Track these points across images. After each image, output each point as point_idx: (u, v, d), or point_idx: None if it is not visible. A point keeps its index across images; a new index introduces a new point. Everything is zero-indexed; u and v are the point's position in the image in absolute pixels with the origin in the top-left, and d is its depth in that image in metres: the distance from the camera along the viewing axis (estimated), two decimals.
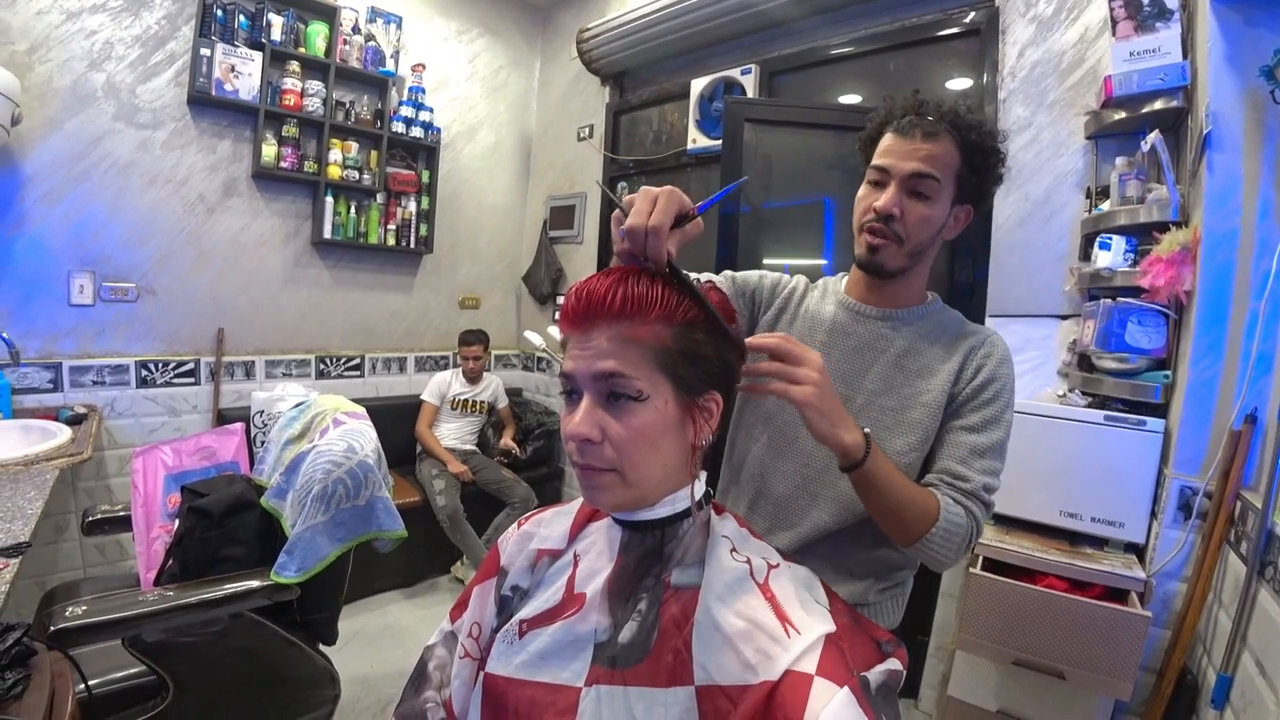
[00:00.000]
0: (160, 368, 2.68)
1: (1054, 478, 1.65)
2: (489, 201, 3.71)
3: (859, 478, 0.81)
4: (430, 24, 3.36)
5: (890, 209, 0.90)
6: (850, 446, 0.77)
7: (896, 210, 0.90)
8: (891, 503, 0.83)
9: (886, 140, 0.94)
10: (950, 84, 2.27)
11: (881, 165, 0.92)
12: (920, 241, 0.92)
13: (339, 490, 1.45)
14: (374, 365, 3.34)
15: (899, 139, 0.92)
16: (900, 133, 0.92)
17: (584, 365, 0.64)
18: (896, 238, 0.91)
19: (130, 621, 1.27)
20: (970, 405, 0.92)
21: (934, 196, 0.90)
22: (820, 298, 1.05)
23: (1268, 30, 1.39)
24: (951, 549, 0.86)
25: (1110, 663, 1.38)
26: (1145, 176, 1.67)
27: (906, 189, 0.90)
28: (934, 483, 0.89)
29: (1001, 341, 0.97)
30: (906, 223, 0.90)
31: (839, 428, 0.76)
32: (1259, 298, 1.37)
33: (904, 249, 0.92)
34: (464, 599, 0.83)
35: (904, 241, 0.91)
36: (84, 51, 2.40)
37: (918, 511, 0.84)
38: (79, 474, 2.46)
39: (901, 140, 0.91)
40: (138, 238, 2.59)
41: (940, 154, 0.89)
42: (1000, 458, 0.92)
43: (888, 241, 0.92)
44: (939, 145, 0.90)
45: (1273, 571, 1.16)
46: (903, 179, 0.90)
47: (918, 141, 0.90)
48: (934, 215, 0.91)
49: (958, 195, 0.92)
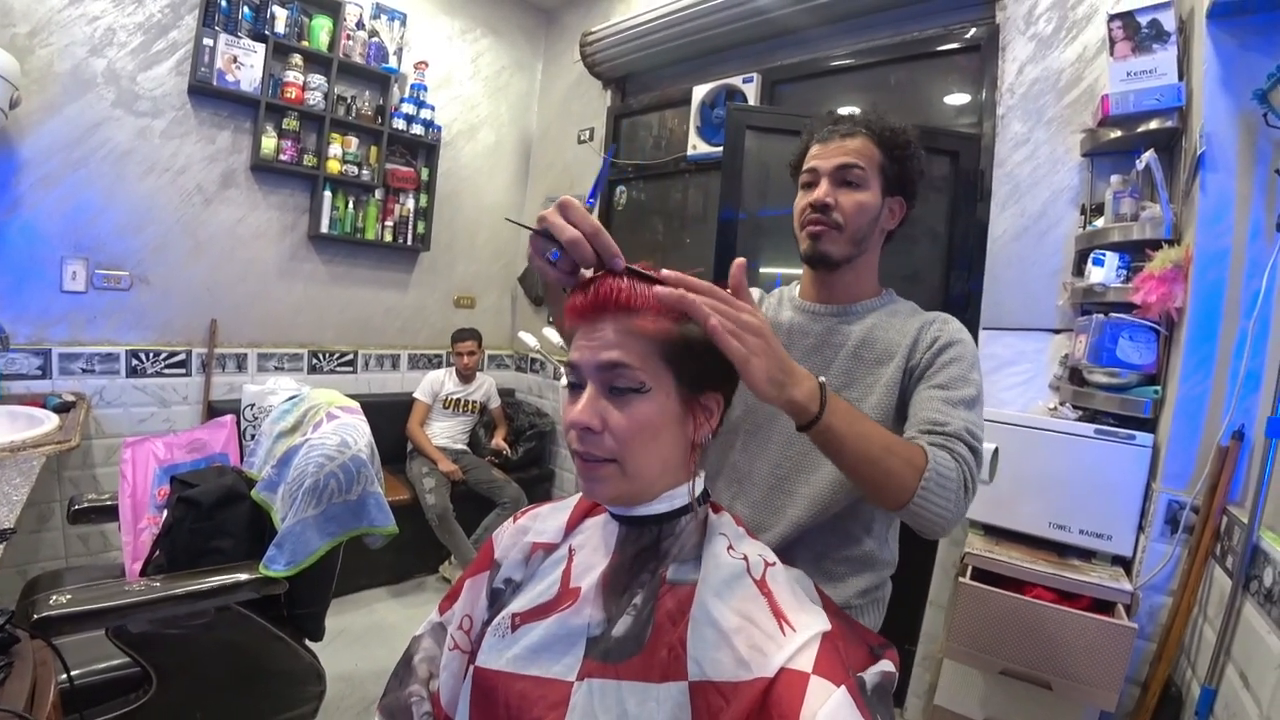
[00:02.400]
0: (151, 357, 2.66)
1: (1043, 489, 1.67)
2: (487, 201, 3.71)
3: (822, 435, 0.70)
4: (434, 22, 3.36)
5: (824, 199, 0.97)
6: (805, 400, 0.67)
7: (831, 200, 0.97)
8: (870, 452, 0.74)
9: (811, 151, 1.02)
10: (949, 98, 2.30)
11: (810, 167, 1.00)
12: (859, 226, 0.98)
13: (331, 484, 1.44)
14: (367, 362, 3.33)
15: (822, 146, 1.00)
16: (822, 141, 1.01)
17: (589, 355, 0.64)
18: (836, 225, 0.97)
19: (116, 611, 1.25)
20: (933, 369, 0.93)
21: (863, 184, 0.97)
22: (777, 305, 1.10)
23: (1262, 54, 1.42)
24: (949, 499, 0.78)
25: (1096, 674, 1.39)
26: (1139, 195, 1.69)
27: (836, 181, 0.98)
28: (912, 435, 0.86)
29: (955, 321, 0.99)
30: (843, 210, 0.97)
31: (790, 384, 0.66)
32: (1248, 316, 1.39)
33: (845, 235, 0.98)
34: (455, 591, 0.83)
35: (843, 228, 0.97)
36: (85, 37, 2.39)
37: (902, 460, 0.76)
38: (65, 462, 2.44)
39: (824, 146, 1.00)
40: (133, 226, 2.57)
41: (860, 148, 0.97)
42: (977, 413, 0.89)
43: (827, 229, 0.97)
44: (857, 141, 0.98)
45: (1257, 585, 1.18)
46: (831, 172, 0.98)
47: (838, 142, 0.99)
48: (867, 200, 0.97)
49: (885, 187, 0.99)
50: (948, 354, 0.93)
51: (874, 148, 0.98)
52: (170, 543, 1.46)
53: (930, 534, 0.82)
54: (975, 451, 0.84)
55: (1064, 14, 1.92)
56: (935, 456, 0.78)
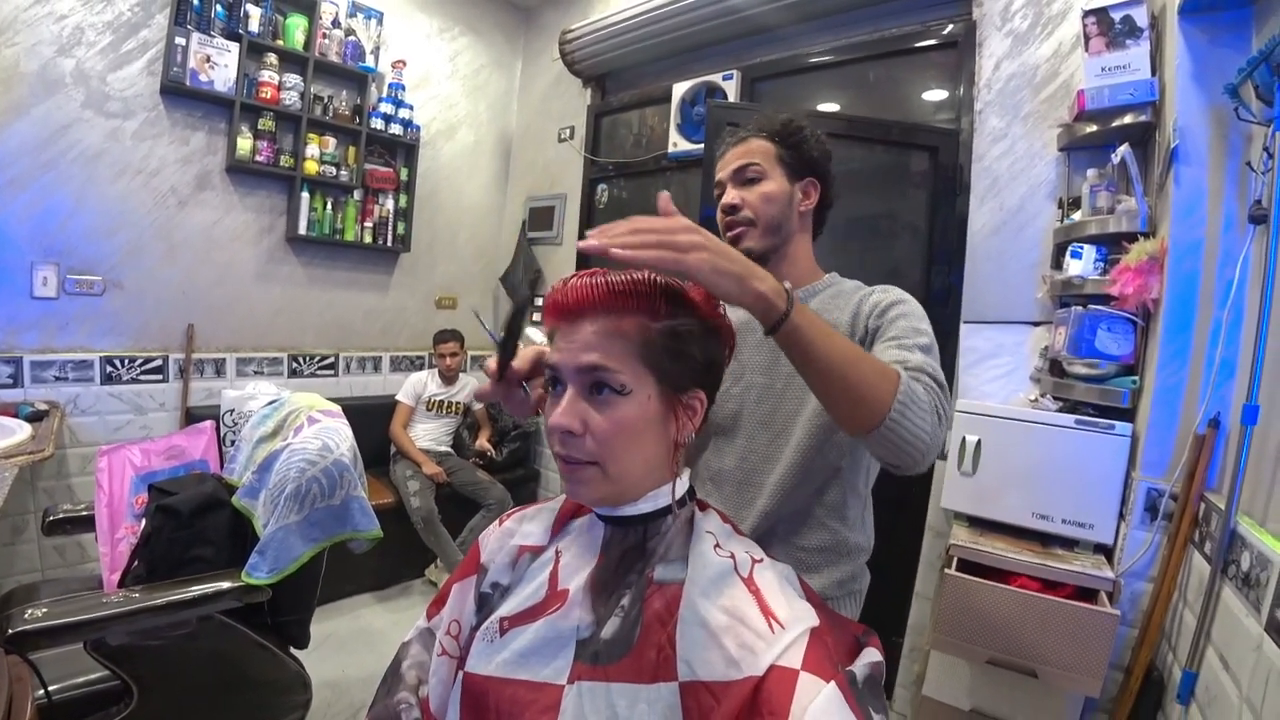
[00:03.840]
0: (126, 364, 2.60)
1: (1026, 480, 1.69)
2: (468, 201, 3.68)
3: (790, 336, 0.67)
4: (412, 20, 3.33)
5: (731, 202, 1.03)
6: (770, 293, 0.65)
7: (737, 200, 1.02)
8: (843, 355, 0.70)
9: (716, 166, 1.09)
10: (928, 94, 2.32)
11: (717, 180, 1.07)
12: (770, 216, 1.02)
13: (313, 489, 1.42)
14: (348, 364, 3.29)
15: (720, 160, 1.08)
16: (721, 156, 1.08)
17: (568, 357, 0.64)
18: (748, 221, 1.02)
19: (94, 624, 1.22)
20: (881, 329, 0.92)
21: (763, 177, 1.02)
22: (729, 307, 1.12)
23: (1232, 50, 1.44)
24: (925, 420, 0.74)
25: (1081, 661, 1.41)
26: (1115, 188, 1.71)
27: (738, 182, 1.04)
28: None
29: (896, 289, 1.00)
30: (750, 205, 1.02)
31: (750, 278, 0.64)
32: (1223, 306, 1.42)
33: (759, 227, 1.02)
34: (442, 595, 0.82)
35: (756, 221, 1.02)
36: (53, 36, 2.34)
37: (875, 370, 0.73)
38: (39, 473, 2.38)
39: (723, 159, 1.07)
40: (105, 229, 2.52)
41: (752, 149, 1.04)
42: (934, 359, 0.87)
43: (742, 228, 1.02)
44: (748, 144, 1.04)
45: (1235, 570, 1.20)
46: (730, 176, 1.04)
47: (732, 150, 1.06)
48: (772, 190, 1.02)
49: (790, 173, 1.04)
50: (893, 312, 0.94)
51: (767, 143, 1.03)
52: (149, 552, 1.43)
53: (908, 463, 0.77)
54: (942, 388, 0.81)
55: (1039, 10, 1.95)
56: (905, 378, 0.74)
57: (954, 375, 1.99)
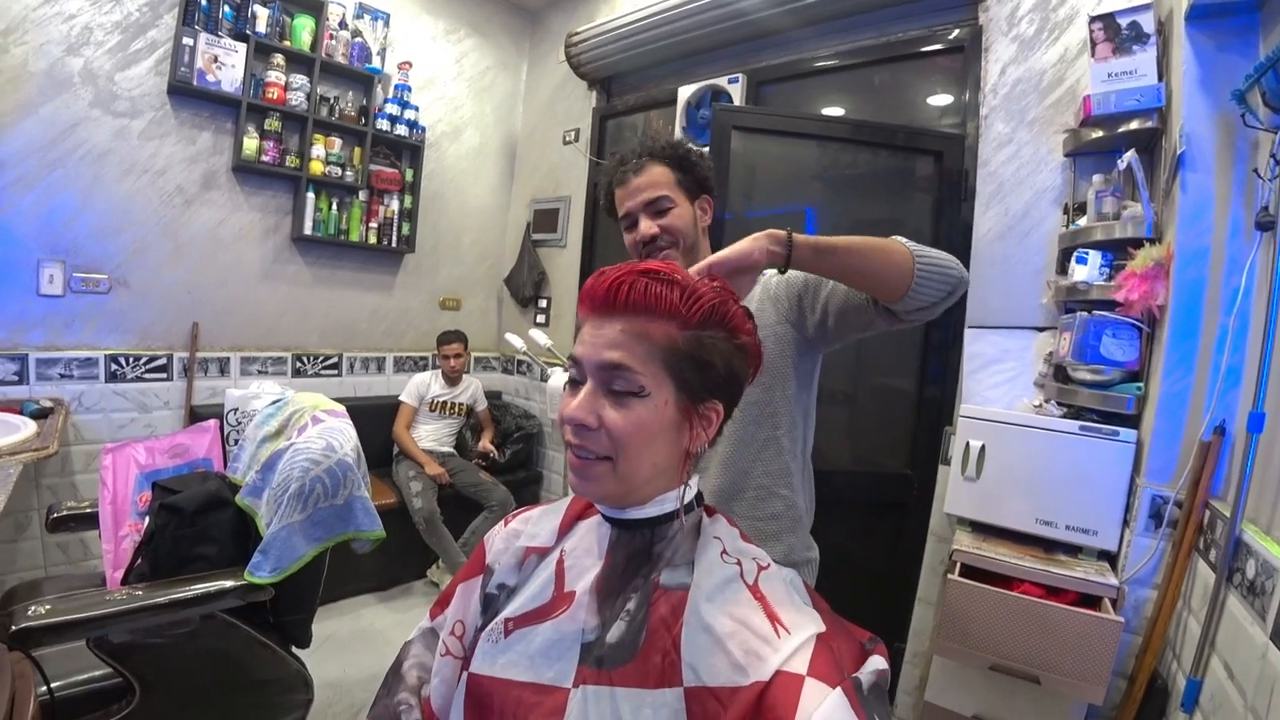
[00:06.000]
0: (131, 362, 2.61)
1: (1029, 486, 1.68)
2: (472, 203, 3.69)
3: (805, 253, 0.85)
4: (418, 22, 3.34)
5: (650, 231, 1.09)
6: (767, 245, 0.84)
7: (655, 229, 1.09)
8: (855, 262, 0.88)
9: (617, 195, 1.14)
10: (933, 99, 2.32)
11: (624, 212, 1.13)
12: (686, 237, 1.10)
13: (317, 489, 1.42)
14: (352, 365, 3.30)
15: (622, 189, 1.13)
16: (620, 184, 1.13)
17: (592, 352, 0.64)
18: (671, 244, 1.10)
19: (97, 621, 1.23)
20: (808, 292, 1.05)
21: (672, 207, 1.10)
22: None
23: (1239, 55, 1.44)
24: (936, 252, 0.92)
25: (1084, 668, 1.41)
26: (1121, 194, 1.71)
27: (651, 213, 1.10)
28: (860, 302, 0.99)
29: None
30: (670, 230, 1.09)
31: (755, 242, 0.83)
32: (1229, 313, 1.41)
33: (679, 249, 1.10)
34: (446, 596, 0.82)
35: (678, 243, 1.10)
36: (61, 35, 2.35)
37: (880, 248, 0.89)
38: (43, 470, 2.39)
39: (624, 189, 1.12)
40: (112, 228, 2.53)
41: (654, 177, 1.10)
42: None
43: (664, 251, 1.09)
44: (649, 173, 1.10)
45: (1240, 578, 1.19)
46: (641, 208, 1.10)
47: (633, 180, 1.11)
48: (681, 213, 1.10)
49: (689, 195, 1.12)
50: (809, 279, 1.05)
51: (663, 168, 1.11)
52: (153, 550, 1.44)
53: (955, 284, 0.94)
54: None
55: (1046, 16, 1.95)
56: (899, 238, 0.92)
57: (958, 380, 1.99)
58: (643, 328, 0.63)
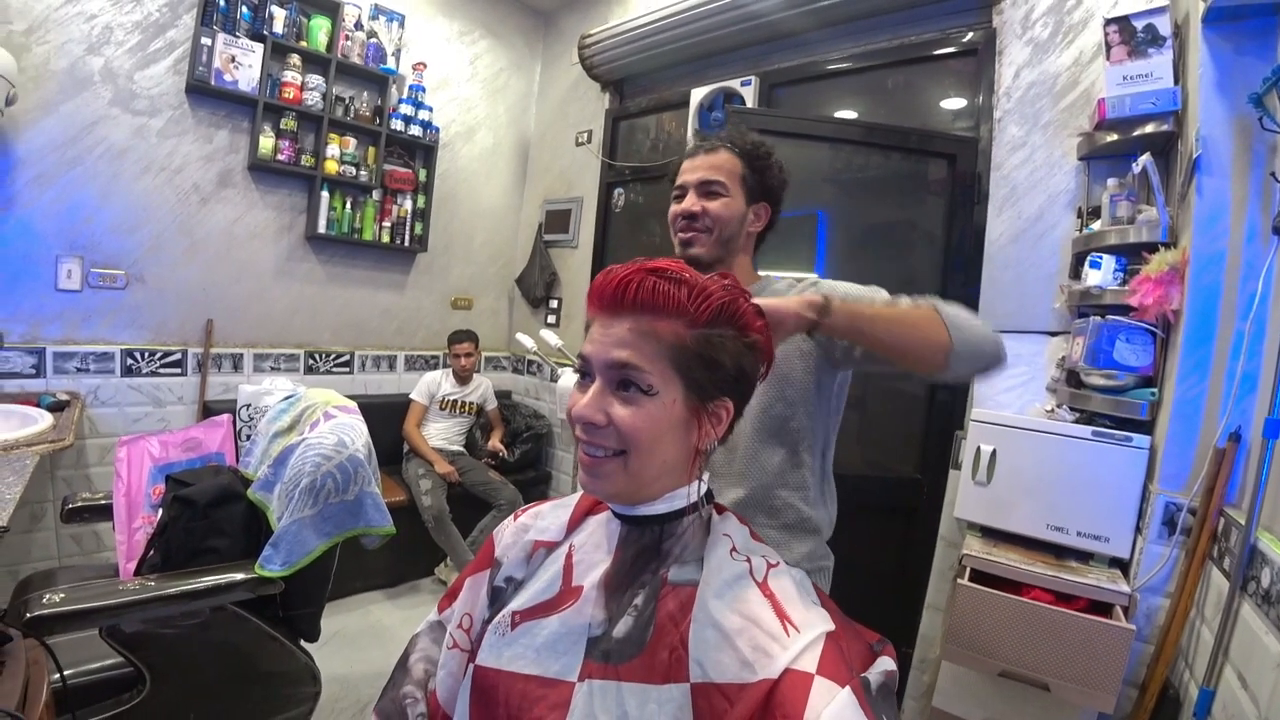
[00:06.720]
0: (146, 357, 2.64)
1: (1041, 492, 1.67)
2: (485, 203, 3.71)
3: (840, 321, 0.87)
4: (433, 23, 3.37)
5: (692, 209, 1.09)
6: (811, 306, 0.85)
7: (698, 209, 1.09)
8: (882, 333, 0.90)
9: (681, 168, 1.14)
10: (946, 102, 2.31)
11: (679, 183, 1.13)
12: (726, 228, 1.09)
13: (328, 484, 1.43)
14: (363, 363, 3.32)
15: (688, 161, 1.14)
16: (688, 157, 1.14)
17: (601, 351, 0.64)
18: (705, 229, 1.09)
19: (110, 610, 1.24)
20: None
21: (725, 194, 1.09)
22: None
23: (1257, 59, 1.43)
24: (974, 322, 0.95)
25: (1094, 675, 1.39)
26: (1136, 198, 1.70)
27: (701, 193, 1.10)
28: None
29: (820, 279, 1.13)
30: (710, 214, 1.08)
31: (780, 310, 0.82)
32: (1244, 318, 1.40)
33: (714, 236, 1.09)
34: (455, 589, 0.82)
35: (712, 230, 1.09)
36: (82, 35, 2.38)
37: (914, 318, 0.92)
38: (58, 462, 2.42)
39: (690, 161, 1.13)
40: (129, 225, 2.56)
41: (721, 162, 1.10)
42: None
43: (697, 233, 1.09)
44: (718, 156, 1.10)
45: (1255, 586, 1.18)
46: (695, 186, 1.10)
47: (701, 157, 1.11)
48: (732, 204, 1.09)
49: (749, 194, 1.11)
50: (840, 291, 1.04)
51: (734, 159, 1.10)
52: (165, 542, 1.45)
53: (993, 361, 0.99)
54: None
55: (1060, 18, 1.94)
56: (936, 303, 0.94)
57: (970, 385, 1.98)
58: (651, 326, 0.63)
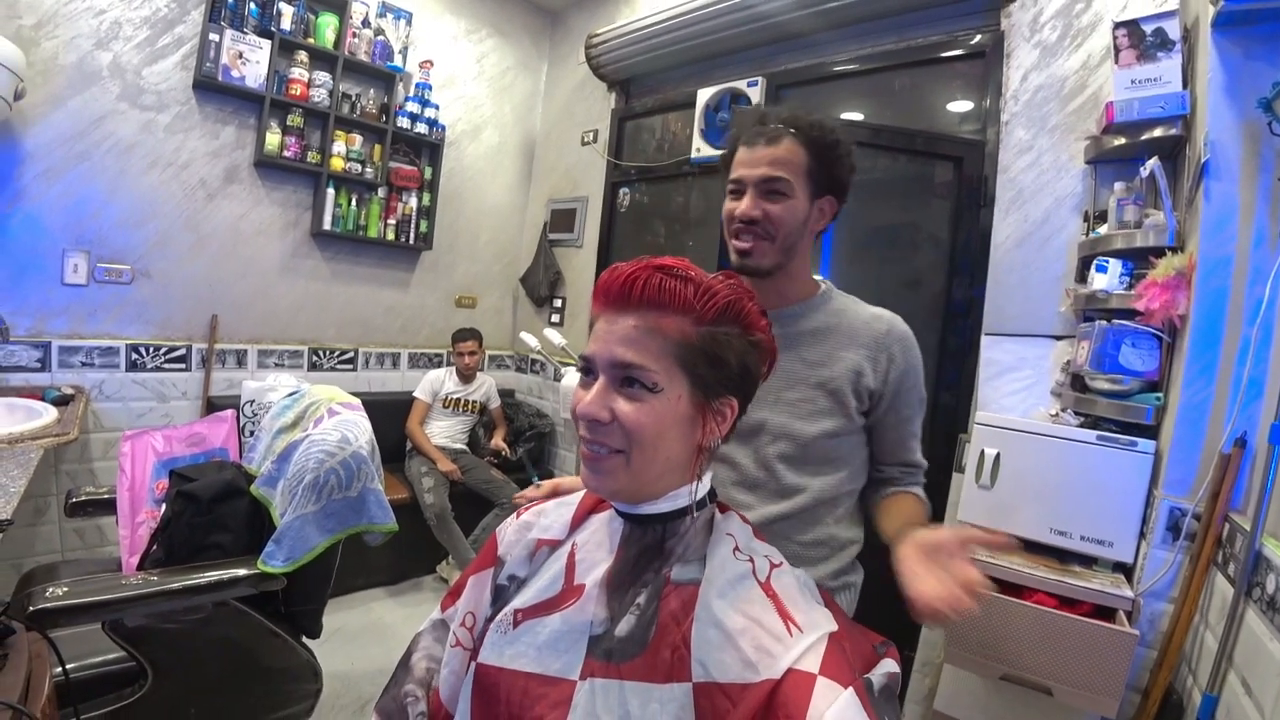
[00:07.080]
0: (151, 352, 2.65)
1: (1045, 495, 1.66)
2: (490, 201, 3.71)
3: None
4: (440, 21, 3.37)
5: (751, 213, 0.97)
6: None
7: (758, 213, 0.97)
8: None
9: (738, 155, 1.01)
10: (953, 105, 2.30)
11: (736, 177, 1.00)
12: (790, 235, 0.98)
13: (331, 480, 1.43)
14: (367, 360, 3.32)
15: (747, 150, 0.99)
16: (748, 144, 0.99)
17: (605, 348, 0.64)
18: (767, 235, 0.97)
19: (113, 604, 1.25)
20: (899, 397, 1.02)
21: (788, 194, 0.97)
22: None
23: (1266, 63, 1.42)
24: None
25: (1097, 680, 1.39)
26: (1143, 202, 1.69)
27: (761, 192, 0.97)
28: (896, 476, 1.07)
29: (901, 323, 1.04)
30: (771, 219, 0.97)
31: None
32: (1251, 324, 1.39)
33: (775, 245, 0.98)
34: (458, 587, 0.82)
35: (774, 237, 0.97)
36: (91, 30, 2.39)
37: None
38: (62, 456, 2.43)
39: (749, 151, 0.99)
40: (135, 220, 2.57)
41: (785, 155, 0.96)
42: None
43: (758, 241, 0.98)
44: (782, 147, 0.97)
45: (1260, 592, 1.17)
46: (755, 184, 0.97)
47: (763, 148, 0.97)
48: (795, 206, 0.97)
49: (814, 189, 0.99)
50: (909, 379, 1.02)
51: (800, 150, 0.97)
52: (168, 537, 1.46)
53: None
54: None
55: (1069, 22, 1.93)
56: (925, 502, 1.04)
57: (974, 388, 1.97)
58: (656, 323, 0.63)
